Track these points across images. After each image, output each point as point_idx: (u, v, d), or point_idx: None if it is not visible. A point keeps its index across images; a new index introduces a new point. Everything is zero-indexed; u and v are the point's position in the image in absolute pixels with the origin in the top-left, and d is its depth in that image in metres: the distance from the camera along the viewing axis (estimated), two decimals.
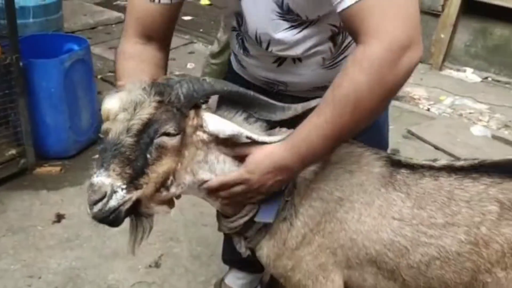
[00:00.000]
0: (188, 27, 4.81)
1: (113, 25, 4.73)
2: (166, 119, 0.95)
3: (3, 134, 2.35)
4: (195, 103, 1.00)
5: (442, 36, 4.22)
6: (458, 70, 4.29)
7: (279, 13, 1.08)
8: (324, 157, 1.08)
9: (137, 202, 0.96)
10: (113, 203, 0.91)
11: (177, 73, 3.70)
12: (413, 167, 1.15)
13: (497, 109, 3.67)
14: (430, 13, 4.19)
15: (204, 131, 1.02)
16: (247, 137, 1.02)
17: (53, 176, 2.47)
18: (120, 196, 0.91)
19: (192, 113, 1.00)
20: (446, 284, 1.12)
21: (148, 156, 0.94)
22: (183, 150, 1.00)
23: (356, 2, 0.90)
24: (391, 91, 0.92)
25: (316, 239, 1.14)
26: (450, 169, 1.14)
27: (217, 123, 1.01)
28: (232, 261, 1.76)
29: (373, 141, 1.22)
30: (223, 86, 1.04)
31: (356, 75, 0.90)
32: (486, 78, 4.19)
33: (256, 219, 1.14)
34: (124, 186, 0.92)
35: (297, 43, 1.13)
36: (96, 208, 0.91)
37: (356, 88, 0.90)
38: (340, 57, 1.20)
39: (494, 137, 3.22)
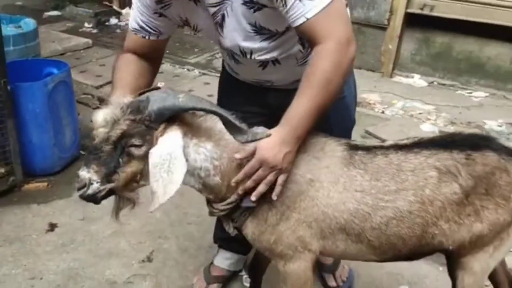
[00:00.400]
0: None
1: (82, 51, 4.91)
2: (135, 134, 1.20)
3: None
4: (168, 117, 1.21)
5: (390, 47, 4.63)
6: (406, 76, 4.69)
7: (254, 30, 1.37)
8: (311, 129, 1.31)
9: (112, 191, 1.24)
10: (89, 191, 1.22)
11: (162, 84, 3.95)
12: (367, 149, 1.42)
13: (443, 108, 4.06)
14: (377, 27, 4.60)
15: None
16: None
17: (41, 191, 2.63)
18: (95, 187, 1.22)
19: (162, 126, 1.22)
20: (403, 238, 1.37)
21: (120, 160, 1.22)
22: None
23: (307, 20, 1.23)
24: (346, 71, 1.27)
25: (293, 215, 1.36)
26: (396, 147, 1.42)
27: (161, 147, 1.20)
28: (222, 240, 1.99)
29: (344, 116, 1.58)
30: (196, 104, 1.23)
31: (322, 64, 1.24)
32: (432, 82, 4.60)
33: (242, 204, 1.35)
34: (99, 180, 1.22)
35: (273, 48, 1.43)
36: (79, 193, 1.23)
37: (324, 73, 1.23)
38: (309, 56, 1.48)
39: (441, 132, 3.59)
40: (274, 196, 1.30)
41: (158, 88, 1.36)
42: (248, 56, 1.45)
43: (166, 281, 2.04)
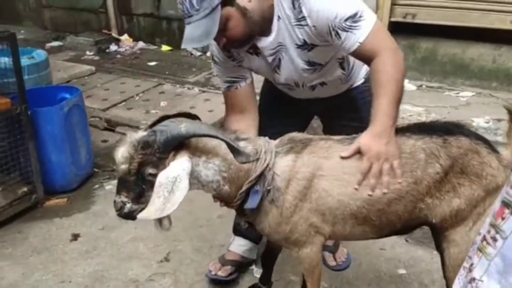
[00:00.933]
0: (154, 71, 5.29)
1: (86, 77, 5.15)
2: (149, 165, 1.41)
3: (16, 174, 2.72)
4: (173, 146, 1.40)
5: None
6: None
7: (307, 65, 1.70)
8: (396, 118, 1.54)
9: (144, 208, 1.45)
10: (125, 210, 1.45)
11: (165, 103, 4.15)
12: None
13: (432, 109, 4.27)
14: None
15: None
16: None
17: (62, 206, 2.83)
18: (129, 207, 1.45)
19: (172, 153, 1.40)
20: (399, 215, 1.56)
21: (143, 186, 1.43)
22: None
23: (360, 44, 1.52)
24: (404, 69, 1.55)
25: (305, 205, 1.53)
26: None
27: (170, 170, 1.38)
28: (239, 230, 2.20)
29: None
30: (196, 131, 1.39)
31: (387, 69, 1.51)
32: (420, 85, 4.83)
33: (245, 206, 1.54)
34: (130, 202, 1.44)
35: (321, 76, 1.76)
36: (117, 213, 1.47)
37: (390, 75, 1.50)
38: (350, 74, 1.84)
39: None
40: (399, 179, 1.50)
41: (168, 116, 1.51)
42: (301, 86, 1.79)
43: (184, 277, 2.23)
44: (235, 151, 1.41)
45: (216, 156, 1.47)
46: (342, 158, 1.51)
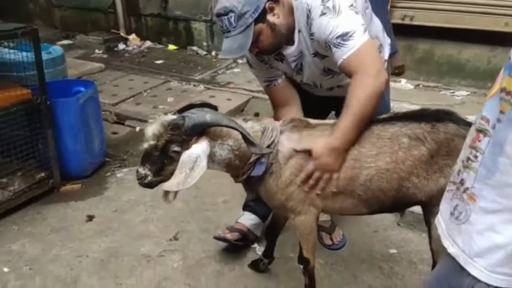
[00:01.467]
0: (161, 69, 5.48)
1: (96, 74, 5.35)
2: (175, 143, 1.62)
3: (35, 161, 2.92)
4: (198, 131, 1.61)
5: None
6: (395, 81, 5.07)
7: (323, 71, 1.95)
8: (355, 139, 1.72)
9: (162, 180, 1.67)
10: (146, 181, 1.66)
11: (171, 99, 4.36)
12: None
13: (429, 107, 4.45)
14: None
15: None
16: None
17: (77, 191, 3.03)
18: (150, 179, 1.66)
19: (195, 137, 1.61)
20: (383, 191, 1.74)
21: (165, 161, 1.65)
22: None
23: (343, 60, 1.72)
24: (376, 95, 1.69)
25: (299, 180, 1.75)
26: (376, 121, 1.79)
27: (193, 150, 1.59)
28: (249, 206, 2.43)
29: (382, 108, 2.02)
30: (220, 121, 1.62)
31: (356, 93, 1.69)
32: (418, 85, 5.01)
33: (252, 174, 1.76)
34: (151, 175, 1.65)
35: (337, 81, 2.00)
36: (139, 182, 1.67)
37: (358, 100, 1.68)
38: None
39: None
40: (318, 192, 1.73)
41: (194, 105, 1.76)
42: (319, 86, 2.05)
43: (192, 254, 2.43)
44: (250, 143, 1.63)
45: (229, 138, 1.70)
46: (295, 151, 1.73)
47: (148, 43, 6.52)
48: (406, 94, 4.82)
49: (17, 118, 2.79)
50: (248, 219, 2.43)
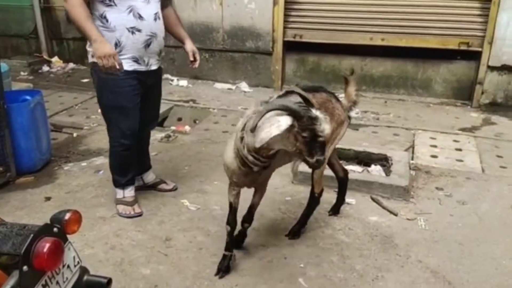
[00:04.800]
0: (89, 87, 6.03)
1: None
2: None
3: None
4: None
5: (277, 67, 6.11)
6: None
7: None
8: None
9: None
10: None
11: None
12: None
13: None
14: (266, 53, 6.07)
15: None
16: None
17: (30, 182, 3.58)
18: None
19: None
20: None
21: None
22: None
23: None
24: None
25: None
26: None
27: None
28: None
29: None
30: (301, 113, 2.03)
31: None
32: None
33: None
34: None
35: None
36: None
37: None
38: None
39: None
40: None
41: (291, 91, 2.31)
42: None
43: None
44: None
45: None
46: None
47: (71, 65, 7.06)
48: None
49: None
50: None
